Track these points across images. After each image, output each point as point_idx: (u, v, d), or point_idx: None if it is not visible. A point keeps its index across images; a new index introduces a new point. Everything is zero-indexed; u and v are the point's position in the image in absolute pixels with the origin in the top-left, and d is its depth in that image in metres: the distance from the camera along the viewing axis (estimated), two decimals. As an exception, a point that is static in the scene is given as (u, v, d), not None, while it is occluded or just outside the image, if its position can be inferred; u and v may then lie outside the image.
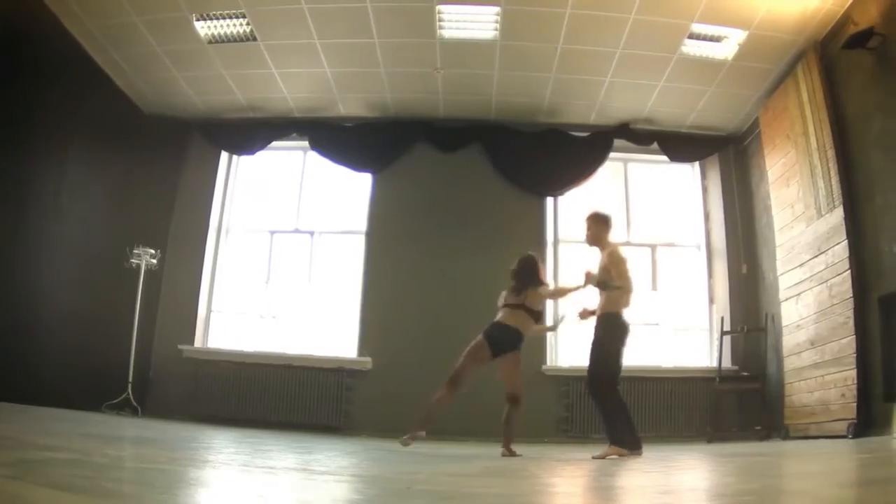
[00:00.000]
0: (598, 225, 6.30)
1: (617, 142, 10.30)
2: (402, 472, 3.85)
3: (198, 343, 9.82)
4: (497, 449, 6.09)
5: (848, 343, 7.02)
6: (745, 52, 8.37)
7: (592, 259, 6.45)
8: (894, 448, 5.16)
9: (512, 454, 5.92)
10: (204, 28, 8.41)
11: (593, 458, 5.58)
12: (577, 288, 6.32)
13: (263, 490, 2.75)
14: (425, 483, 3.28)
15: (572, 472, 4.41)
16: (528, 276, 6.43)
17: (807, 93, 8.00)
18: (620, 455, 5.63)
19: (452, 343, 8.73)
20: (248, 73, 9.38)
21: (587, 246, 6.44)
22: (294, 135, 10.52)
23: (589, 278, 6.12)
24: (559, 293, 6.89)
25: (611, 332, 5.96)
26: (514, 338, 6.25)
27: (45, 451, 3.20)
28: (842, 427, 6.87)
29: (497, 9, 8.03)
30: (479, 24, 8.36)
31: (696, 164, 10.67)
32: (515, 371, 6.28)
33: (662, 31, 8.16)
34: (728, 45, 8.37)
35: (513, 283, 6.47)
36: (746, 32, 8.05)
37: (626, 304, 6.00)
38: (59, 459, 2.94)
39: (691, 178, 10.76)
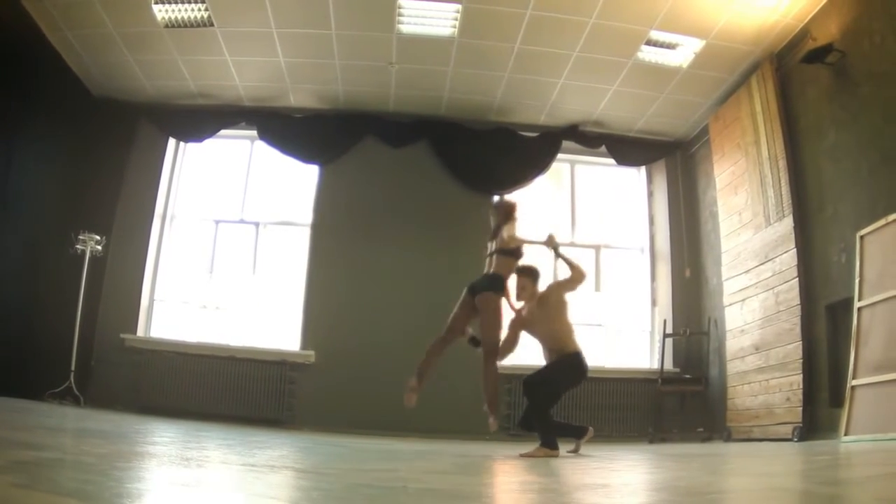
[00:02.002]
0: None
1: (565, 143, 10.41)
2: (382, 470, 3.83)
3: (140, 332, 9.58)
4: (436, 444, 6.04)
5: (794, 349, 7.23)
6: (700, 60, 8.55)
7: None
8: (846, 451, 5.30)
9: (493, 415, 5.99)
10: (162, 11, 8.20)
11: (520, 455, 5.56)
12: (534, 243, 6.38)
13: (269, 491, 2.71)
14: (415, 481, 3.26)
15: (548, 470, 4.43)
16: (498, 219, 6.49)
17: (760, 103, 8.19)
18: (549, 455, 5.59)
19: (395, 337, 8.76)
20: (201, 60, 9.18)
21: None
22: (243, 124, 10.34)
23: (550, 241, 6.29)
24: (517, 241, 6.48)
25: (567, 372, 5.95)
26: (491, 278, 6.22)
27: (30, 451, 3.08)
28: (786, 430, 7.07)
29: (458, 6, 8.03)
30: (438, 21, 8.36)
31: (643, 168, 10.87)
32: (485, 314, 6.16)
33: (621, 36, 8.28)
34: (683, 53, 8.53)
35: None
36: (704, 42, 8.21)
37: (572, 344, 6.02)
38: (49, 460, 2.85)
39: (637, 182, 10.95)
